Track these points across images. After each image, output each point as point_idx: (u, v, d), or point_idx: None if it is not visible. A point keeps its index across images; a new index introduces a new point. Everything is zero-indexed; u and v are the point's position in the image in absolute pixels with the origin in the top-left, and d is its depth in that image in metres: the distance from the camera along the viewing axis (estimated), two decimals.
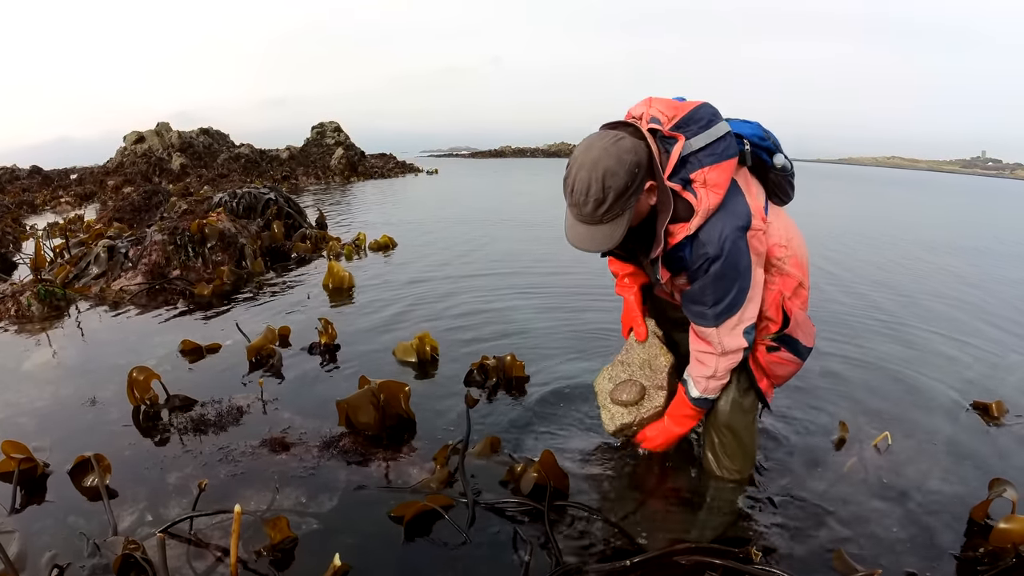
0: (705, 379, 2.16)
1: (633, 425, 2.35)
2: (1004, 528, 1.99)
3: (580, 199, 1.80)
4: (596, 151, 1.80)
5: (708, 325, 2.04)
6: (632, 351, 2.43)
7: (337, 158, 23.23)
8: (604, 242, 1.84)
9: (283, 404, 3.01)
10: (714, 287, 1.96)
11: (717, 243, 1.89)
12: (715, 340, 2.07)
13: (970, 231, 11.70)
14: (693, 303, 2.04)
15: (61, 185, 16.70)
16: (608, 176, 1.77)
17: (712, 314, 2.01)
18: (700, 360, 2.15)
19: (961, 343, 4.22)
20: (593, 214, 1.80)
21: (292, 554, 1.96)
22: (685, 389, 2.22)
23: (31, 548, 1.95)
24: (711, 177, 1.87)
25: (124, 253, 5.60)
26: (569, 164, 1.84)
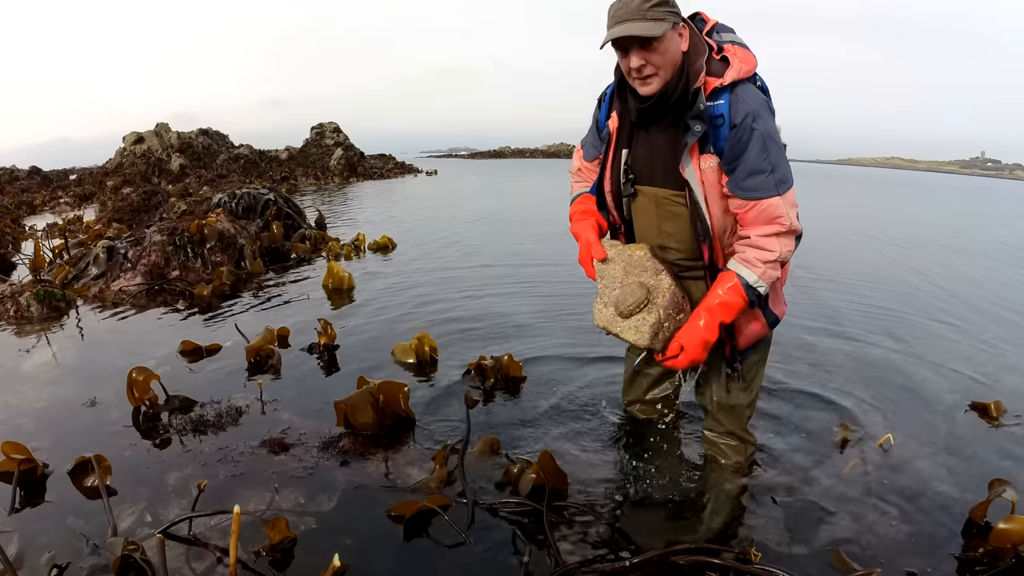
0: (764, 263, 1.94)
1: (662, 322, 2.05)
2: (1004, 528, 1.99)
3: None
4: None
5: (771, 195, 1.89)
6: (606, 272, 2.16)
7: (336, 159, 23.22)
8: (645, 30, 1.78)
9: (282, 405, 3.01)
10: (769, 147, 1.86)
11: (757, 102, 1.86)
12: (784, 212, 1.90)
13: (969, 231, 11.71)
14: (750, 174, 1.88)
15: (60, 186, 16.70)
16: None
17: (774, 180, 1.88)
18: (759, 245, 1.94)
19: (960, 343, 4.22)
20: (639, 8, 1.77)
21: (291, 554, 1.96)
22: (736, 274, 1.97)
23: (30, 549, 1.95)
24: (740, 54, 1.89)
25: (123, 254, 5.60)
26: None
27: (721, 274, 2.01)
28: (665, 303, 2.05)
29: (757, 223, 1.93)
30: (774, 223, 1.91)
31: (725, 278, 1.99)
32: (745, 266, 1.96)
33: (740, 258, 1.98)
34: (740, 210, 1.94)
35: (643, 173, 2.09)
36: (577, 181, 2.41)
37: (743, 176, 1.89)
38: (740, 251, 1.99)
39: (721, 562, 1.88)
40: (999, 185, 40.84)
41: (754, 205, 1.91)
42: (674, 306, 2.06)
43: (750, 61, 1.90)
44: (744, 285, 1.96)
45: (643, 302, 2.06)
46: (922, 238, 10.04)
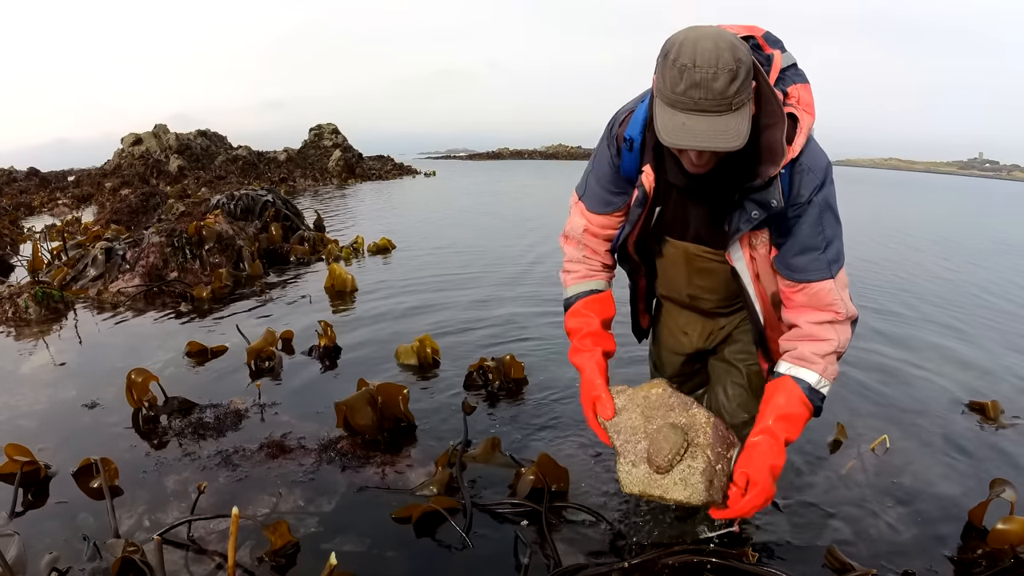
0: (823, 358, 1.64)
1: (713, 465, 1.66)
2: (1002, 529, 2.00)
3: (707, 73, 1.31)
4: (709, 28, 1.39)
5: (823, 276, 1.61)
6: (621, 425, 1.74)
7: (335, 160, 23.22)
8: (734, 136, 1.35)
9: (282, 407, 3.01)
10: (824, 221, 1.57)
11: (823, 169, 1.54)
12: (836, 298, 1.62)
13: (967, 231, 11.72)
14: (800, 252, 1.60)
15: (59, 187, 16.68)
16: (737, 47, 1.34)
17: (826, 260, 1.60)
18: (814, 335, 1.66)
19: (958, 343, 4.23)
20: (724, 93, 1.32)
21: (293, 558, 1.96)
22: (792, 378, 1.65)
23: (31, 550, 1.95)
24: (804, 96, 1.54)
25: (122, 255, 5.59)
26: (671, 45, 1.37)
27: (773, 383, 1.70)
28: (709, 440, 1.68)
29: (807, 308, 1.67)
30: (827, 310, 1.64)
31: (781, 387, 1.67)
32: (802, 366, 1.66)
33: (794, 357, 1.68)
34: (787, 290, 1.68)
35: (674, 228, 1.79)
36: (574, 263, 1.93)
37: (791, 253, 1.62)
38: (791, 347, 1.69)
39: (719, 562, 1.88)
40: (997, 186, 40.90)
41: (803, 288, 1.64)
42: (721, 442, 1.68)
43: (813, 108, 1.55)
44: (806, 390, 1.65)
45: (682, 447, 1.66)
46: (919, 238, 10.06)
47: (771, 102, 1.46)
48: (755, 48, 1.54)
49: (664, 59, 1.38)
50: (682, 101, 1.35)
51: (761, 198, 1.52)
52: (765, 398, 1.70)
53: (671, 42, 1.38)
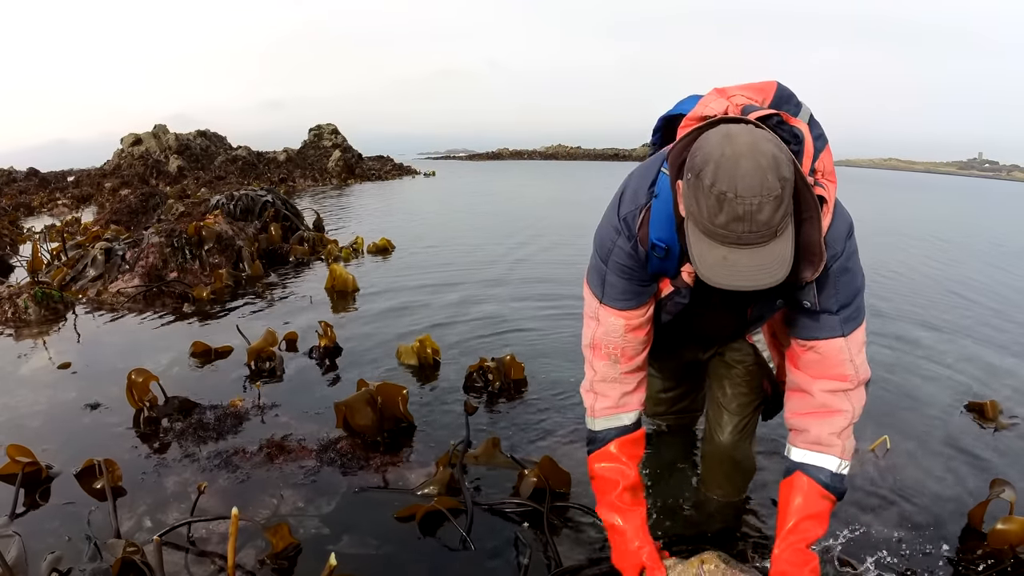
0: (840, 435, 1.53)
1: None
2: (1002, 529, 2.00)
3: (751, 204, 1.17)
4: (746, 135, 1.23)
5: (834, 335, 1.50)
6: None
7: (334, 160, 23.22)
8: (780, 267, 1.23)
9: (282, 407, 3.01)
10: (840, 285, 1.47)
11: (843, 239, 1.46)
12: (847, 359, 1.51)
13: (965, 231, 11.72)
14: (812, 314, 1.50)
15: (58, 187, 16.68)
16: (779, 163, 1.20)
17: (839, 319, 1.49)
18: (828, 405, 1.54)
19: (956, 344, 4.23)
20: (770, 221, 1.19)
21: (294, 560, 1.96)
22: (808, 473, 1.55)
23: (32, 551, 1.94)
24: (827, 165, 1.45)
25: (121, 255, 5.59)
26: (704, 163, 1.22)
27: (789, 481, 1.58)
28: None
29: (814, 373, 1.55)
30: (836, 377, 1.52)
31: (797, 486, 1.55)
32: (819, 451, 1.54)
33: (808, 442, 1.56)
34: (796, 347, 1.57)
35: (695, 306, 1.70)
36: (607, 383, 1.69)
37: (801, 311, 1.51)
38: (803, 426, 1.58)
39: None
40: (997, 186, 40.95)
41: (812, 346, 1.52)
42: None
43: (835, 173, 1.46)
44: (826, 480, 1.53)
45: None
46: (917, 238, 10.06)
47: (808, 199, 1.32)
48: (779, 124, 1.37)
49: (696, 180, 1.22)
50: (723, 235, 1.21)
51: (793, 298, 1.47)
52: (784, 498, 1.59)
53: (704, 157, 1.22)
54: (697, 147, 1.26)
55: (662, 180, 1.48)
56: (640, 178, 1.56)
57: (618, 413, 1.71)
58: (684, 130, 1.45)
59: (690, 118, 1.47)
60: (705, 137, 1.27)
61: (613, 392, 1.70)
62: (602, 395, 1.71)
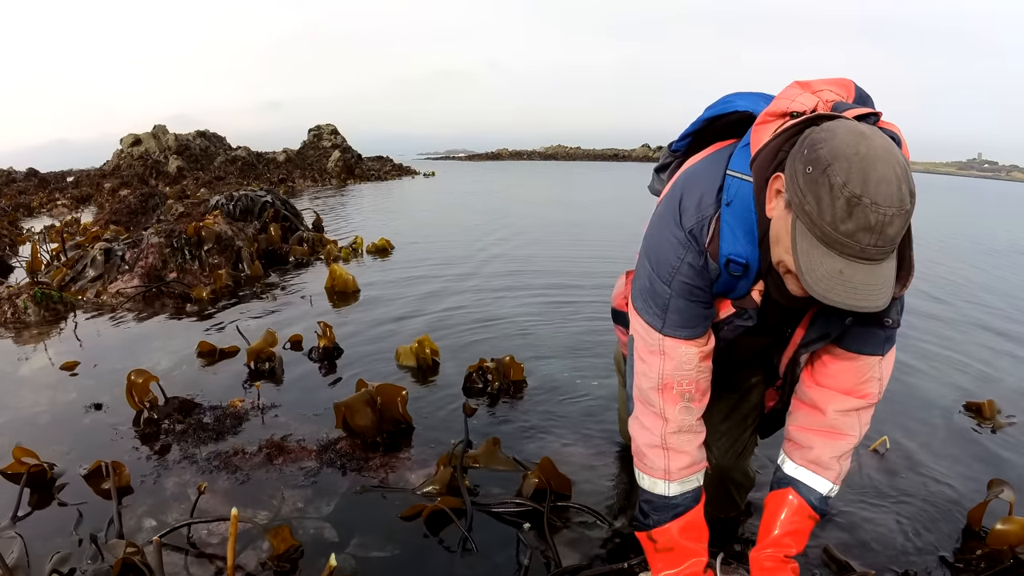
0: (839, 459, 1.49)
1: None
2: (1001, 529, 2.00)
3: (885, 215, 1.05)
4: (879, 138, 1.10)
5: (876, 353, 1.42)
6: None
7: (334, 161, 23.22)
8: (889, 288, 1.12)
9: (282, 408, 3.01)
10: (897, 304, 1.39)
11: None
12: (876, 377, 1.45)
13: (964, 231, 11.73)
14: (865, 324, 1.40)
15: (58, 188, 16.68)
16: (909, 175, 1.09)
17: (884, 336, 1.42)
18: (835, 429, 1.47)
19: (955, 344, 4.23)
20: (896, 237, 1.09)
21: (293, 561, 1.96)
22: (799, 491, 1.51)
23: (34, 552, 1.95)
24: None
25: (121, 256, 5.59)
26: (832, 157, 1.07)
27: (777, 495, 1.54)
28: None
29: (838, 387, 1.47)
30: (857, 393, 1.45)
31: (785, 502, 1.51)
32: (815, 471, 1.49)
33: (807, 460, 1.50)
34: (829, 354, 1.47)
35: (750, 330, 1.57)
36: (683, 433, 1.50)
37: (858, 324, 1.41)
38: (805, 443, 1.51)
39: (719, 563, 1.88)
40: (995, 186, 40.96)
41: (852, 357, 1.44)
42: None
43: None
44: (816, 501, 1.49)
45: None
46: (918, 238, 10.06)
47: None
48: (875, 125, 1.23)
49: (822, 175, 1.07)
50: (845, 244, 1.07)
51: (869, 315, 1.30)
52: (771, 508, 1.54)
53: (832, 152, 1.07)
54: (820, 139, 1.10)
55: (733, 185, 1.32)
56: (703, 183, 1.38)
57: (695, 473, 1.51)
58: (764, 125, 1.29)
59: (770, 113, 1.29)
60: (828, 130, 1.11)
61: (690, 446, 1.50)
62: (678, 451, 1.49)
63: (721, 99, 1.53)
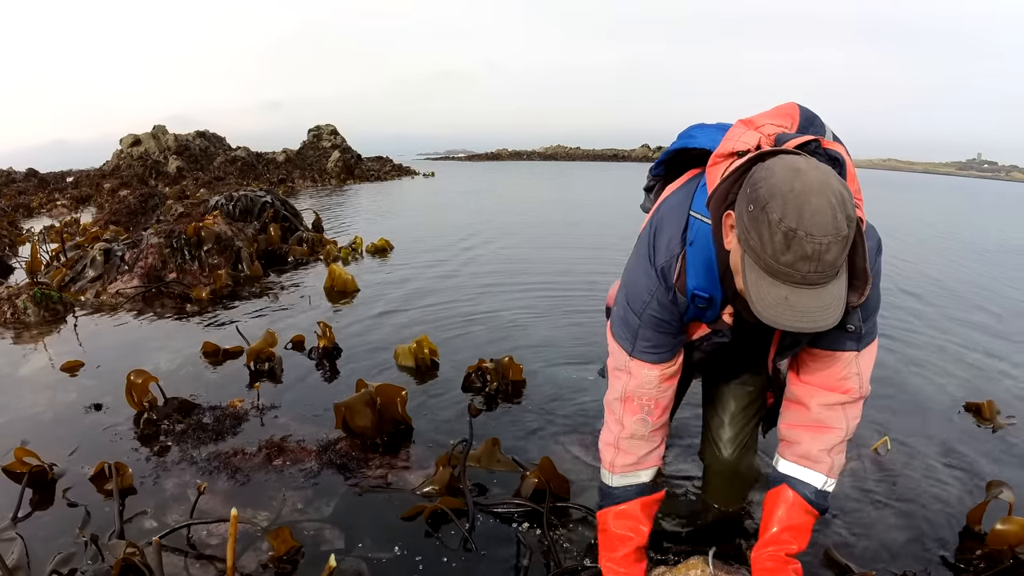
0: (830, 452, 1.53)
1: None
2: (1001, 530, 2.00)
3: (821, 244, 1.13)
4: (815, 171, 1.18)
5: (849, 349, 1.49)
6: None
7: (333, 161, 23.21)
8: (838, 307, 1.20)
9: (282, 408, 3.01)
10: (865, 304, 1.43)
11: (874, 260, 1.44)
12: (854, 372, 1.50)
13: (963, 231, 11.73)
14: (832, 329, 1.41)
15: (57, 188, 16.68)
16: (846, 202, 1.16)
17: (858, 331, 1.47)
18: (821, 423, 1.54)
19: (954, 344, 4.23)
20: (835, 262, 1.15)
21: (294, 562, 1.96)
22: (793, 487, 1.56)
23: (33, 554, 1.94)
24: (856, 183, 1.39)
25: (120, 256, 5.59)
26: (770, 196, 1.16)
27: (774, 493, 1.60)
28: None
29: (819, 383, 1.54)
30: (838, 389, 1.52)
31: (782, 499, 1.57)
32: (807, 466, 1.55)
33: (797, 455, 1.56)
34: (803, 353, 1.56)
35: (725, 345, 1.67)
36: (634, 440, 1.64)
37: None
38: (794, 438, 1.58)
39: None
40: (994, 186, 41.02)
41: (826, 355, 1.51)
42: None
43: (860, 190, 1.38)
44: (811, 495, 1.54)
45: None
46: (915, 238, 10.07)
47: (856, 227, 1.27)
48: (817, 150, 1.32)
49: (762, 213, 1.16)
50: (787, 274, 1.16)
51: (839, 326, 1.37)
52: (768, 507, 1.60)
53: (769, 190, 1.16)
54: (759, 179, 1.20)
55: (695, 226, 1.43)
56: (672, 223, 1.50)
57: (637, 471, 1.67)
58: (715, 167, 1.39)
59: (719, 155, 1.39)
60: (767, 168, 1.20)
61: (638, 450, 1.65)
62: (625, 452, 1.65)
63: (684, 132, 1.66)
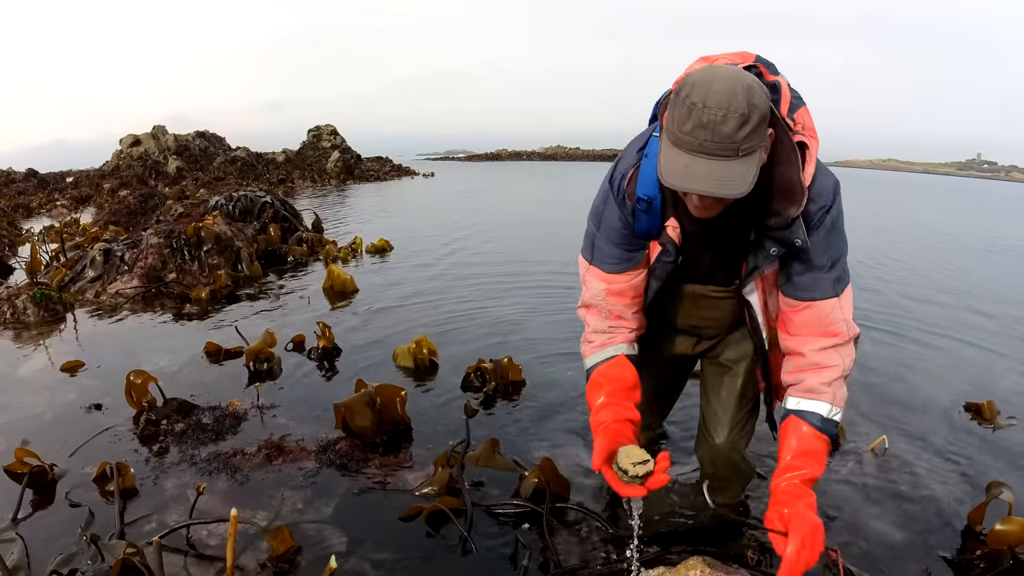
0: (831, 385, 1.60)
1: None
2: (1001, 530, 2.00)
3: (716, 115, 1.26)
4: (728, 70, 1.33)
5: (827, 295, 1.58)
6: None
7: (333, 161, 23.21)
8: (738, 184, 1.29)
9: (281, 408, 3.01)
10: (831, 240, 1.55)
11: (831, 192, 1.52)
12: (839, 317, 1.59)
13: (963, 231, 11.74)
14: (806, 271, 1.58)
15: (57, 188, 16.68)
16: (754, 92, 1.28)
17: (831, 278, 1.57)
18: (818, 363, 1.61)
19: (953, 344, 4.23)
20: (731, 137, 1.27)
21: (293, 562, 1.96)
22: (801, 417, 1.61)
23: (33, 554, 1.94)
24: (807, 122, 1.51)
25: (120, 256, 5.59)
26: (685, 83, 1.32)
27: (783, 425, 1.66)
28: None
29: (809, 332, 1.62)
30: (828, 334, 1.61)
31: (791, 429, 1.62)
32: (811, 398, 1.62)
33: (801, 390, 1.64)
34: (789, 310, 1.64)
35: (686, 274, 1.77)
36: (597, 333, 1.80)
37: (796, 272, 1.59)
38: (796, 380, 1.65)
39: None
40: (996, 187, 41.04)
41: (806, 307, 1.60)
42: None
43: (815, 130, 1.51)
44: (818, 423, 1.59)
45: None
46: (914, 238, 10.07)
47: (784, 141, 1.43)
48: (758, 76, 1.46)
49: (676, 96, 1.33)
50: (687, 141, 1.29)
51: (782, 237, 1.50)
52: (781, 439, 1.65)
53: (686, 80, 1.33)
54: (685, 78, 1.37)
55: (652, 142, 1.57)
56: (632, 144, 1.66)
57: (604, 348, 1.79)
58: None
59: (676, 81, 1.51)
60: (695, 70, 1.38)
61: (599, 339, 1.80)
62: (593, 342, 1.81)
63: None
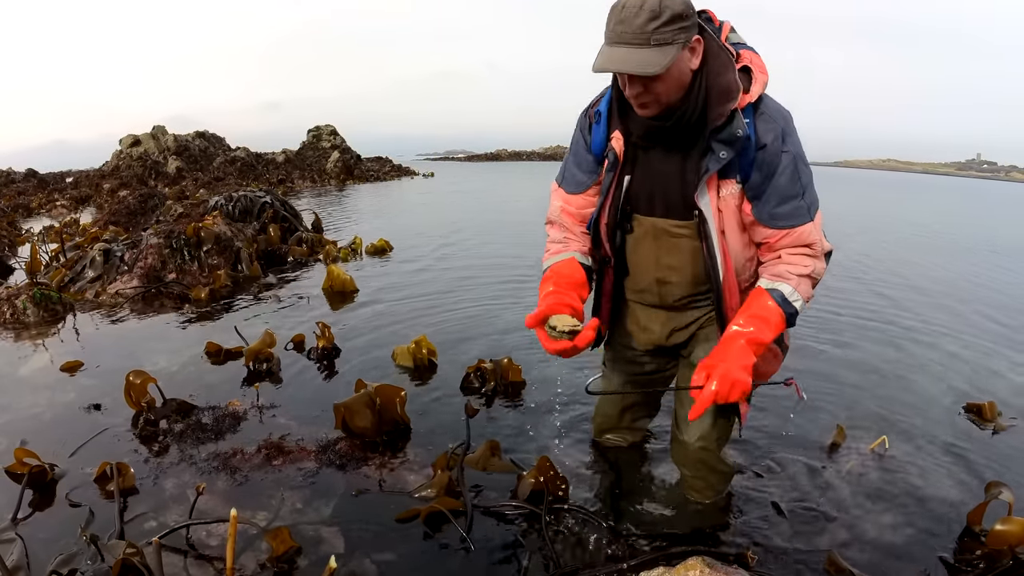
0: (798, 276, 1.76)
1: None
2: (1000, 530, 2.00)
3: (631, 11, 1.53)
4: None
5: (805, 221, 1.75)
6: None
7: (333, 161, 23.20)
8: (645, 65, 1.53)
9: (281, 408, 3.01)
10: (800, 170, 1.71)
11: (784, 116, 1.70)
12: (816, 236, 1.77)
13: (964, 232, 11.74)
14: (782, 201, 1.72)
15: (57, 188, 16.65)
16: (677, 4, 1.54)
17: (806, 205, 1.74)
18: (790, 260, 1.78)
19: (953, 344, 4.23)
20: (643, 28, 1.52)
21: (293, 562, 1.95)
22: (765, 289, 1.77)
23: (33, 554, 1.94)
24: (755, 59, 1.70)
25: (120, 257, 5.59)
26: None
27: (751, 292, 1.82)
28: None
29: (787, 249, 1.79)
30: (806, 249, 1.78)
31: (754, 296, 1.79)
32: (777, 280, 1.77)
33: (770, 274, 1.80)
34: (770, 239, 1.79)
35: (641, 201, 1.86)
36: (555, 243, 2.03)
37: (774, 204, 1.72)
38: (768, 269, 1.82)
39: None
40: (996, 187, 41.02)
41: (787, 234, 1.76)
42: None
43: (766, 70, 1.70)
44: (778, 297, 1.74)
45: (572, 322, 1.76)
46: (914, 238, 10.07)
47: (719, 55, 1.66)
48: (707, 20, 1.72)
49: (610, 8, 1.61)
50: (610, 35, 1.57)
51: (727, 135, 1.64)
52: (744, 306, 1.81)
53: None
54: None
55: None
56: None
57: (560, 253, 1.98)
58: None
59: None
60: None
61: (557, 247, 2.01)
62: (550, 251, 2.02)
63: None
